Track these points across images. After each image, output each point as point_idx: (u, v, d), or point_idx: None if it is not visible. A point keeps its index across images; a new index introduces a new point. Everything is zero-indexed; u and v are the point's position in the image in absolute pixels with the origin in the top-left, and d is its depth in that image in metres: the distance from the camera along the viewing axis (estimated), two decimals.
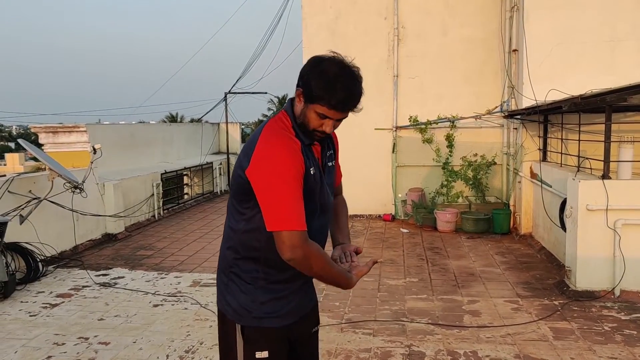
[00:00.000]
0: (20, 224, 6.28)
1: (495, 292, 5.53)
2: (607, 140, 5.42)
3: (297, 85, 1.90)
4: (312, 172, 1.91)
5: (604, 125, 5.49)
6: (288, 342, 2.08)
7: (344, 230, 2.30)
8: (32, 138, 19.27)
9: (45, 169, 6.95)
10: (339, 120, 1.93)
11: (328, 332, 4.46)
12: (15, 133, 67.57)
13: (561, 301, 5.18)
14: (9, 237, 5.80)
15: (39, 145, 8.91)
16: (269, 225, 1.80)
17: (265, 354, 1.98)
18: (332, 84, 1.81)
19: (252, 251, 1.96)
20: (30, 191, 6.59)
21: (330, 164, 2.11)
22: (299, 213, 1.79)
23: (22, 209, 6.41)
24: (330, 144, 2.15)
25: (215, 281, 2.21)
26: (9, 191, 6.28)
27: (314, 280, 2.10)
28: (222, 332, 2.08)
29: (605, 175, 5.37)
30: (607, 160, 5.42)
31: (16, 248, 6.05)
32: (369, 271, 2.09)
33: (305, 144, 1.92)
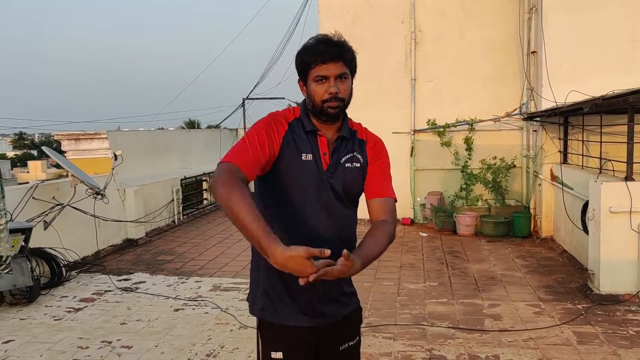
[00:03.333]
0: (45, 229, 6.40)
1: (517, 295, 5.47)
2: (630, 142, 5.34)
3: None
4: (303, 158, 1.93)
5: (626, 126, 5.41)
6: (313, 350, 2.00)
7: (362, 249, 1.85)
8: (54, 145, 19.63)
9: (67, 176, 7.07)
10: (341, 79, 1.91)
11: None
12: (37, 141, 68.79)
13: (584, 305, 5.10)
14: (34, 242, 5.90)
15: (62, 152, 9.07)
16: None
17: (279, 354, 1.95)
18: (311, 45, 1.91)
19: None
20: (53, 197, 6.72)
21: (348, 164, 2.00)
22: (240, 152, 1.89)
23: (46, 215, 6.53)
24: (359, 146, 2.04)
25: (235, 285, 2.23)
26: (33, 197, 6.41)
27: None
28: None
29: (628, 177, 5.29)
30: (630, 161, 5.34)
31: (40, 253, 6.16)
32: (307, 254, 1.56)
33: (306, 130, 1.97)
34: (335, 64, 1.89)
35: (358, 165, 2.04)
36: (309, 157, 1.92)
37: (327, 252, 1.58)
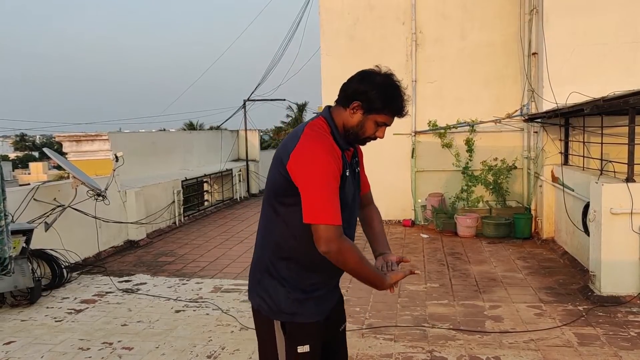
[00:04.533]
0: (46, 231, 6.40)
1: (518, 297, 5.46)
2: (631, 143, 5.34)
3: (352, 99, 2.03)
4: (347, 174, 2.03)
5: (627, 127, 5.41)
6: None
7: (381, 240, 2.37)
8: (56, 147, 19.65)
9: (68, 177, 7.08)
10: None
11: (349, 338, 4.42)
12: (39, 142, 68.91)
13: (585, 306, 5.10)
14: (35, 244, 5.91)
15: (63, 154, 9.08)
16: (307, 217, 1.89)
17: (306, 348, 2.07)
18: (393, 96, 2.03)
19: (287, 249, 2.04)
20: (54, 199, 6.72)
21: (358, 169, 2.22)
22: (336, 208, 1.90)
23: (47, 216, 6.54)
24: (355, 150, 2.23)
25: (236, 287, 2.27)
26: (34, 199, 6.41)
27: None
28: (258, 327, 2.17)
29: (629, 178, 5.28)
30: (631, 163, 5.34)
31: (41, 255, 6.16)
32: (404, 277, 2.16)
33: (342, 148, 2.04)
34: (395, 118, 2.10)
35: (358, 167, 2.25)
36: (347, 172, 2.05)
37: (416, 272, 2.29)
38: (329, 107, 2.13)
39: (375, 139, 2.10)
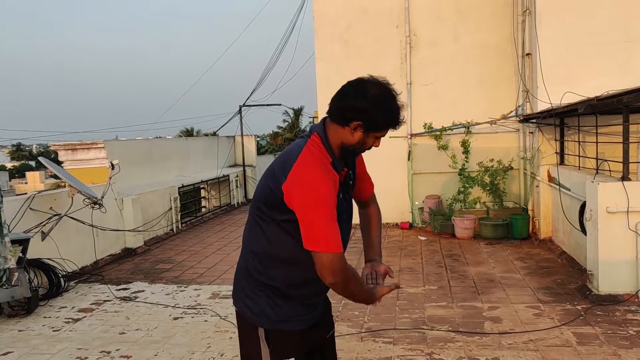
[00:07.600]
0: (42, 240, 6.39)
1: (516, 298, 5.46)
2: (626, 142, 5.36)
3: (350, 118, 1.93)
4: (340, 197, 2.01)
5: (621, 126, 5.43)
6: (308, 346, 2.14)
7: (376, 247, 2.35)
8: (52, 156, 19.63)
9: (65, 186, 7.07)
10: None
11: (348, 342, 4.44)
12: (35, 151, 68.78)
13: (584, 306, 5.10)
14: (32, 253, 5.89)
15: (59, 163, 9.07)
16: (308, 244, 1.86)
17: None
18: (392, 111, 1.97)
19: (275, 261, 2.02)
20: (51, 208, 6.71)
21: (350, 182, 2.19)
22: (338, 235, 1.88)
23: (44, 225, 6.52)
24: (352, 164, 2.22)
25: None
26: (30, 208, 6.39)
27: None
28: (242, 331, 2.15)
29: (625, 177, 5.30)
30: (626, 161, 5.35)
31: (38, 264, 6.14)
32: (389, 292, 2.17)
33: (338, 171, 1.99)
34: None
35: (351, 181, 2.22)
36: (340, 194, 2.02)
37: (401, 285, 2.31)
38: (323, 121, 2.04)
39: (370, 148, 2.07)
